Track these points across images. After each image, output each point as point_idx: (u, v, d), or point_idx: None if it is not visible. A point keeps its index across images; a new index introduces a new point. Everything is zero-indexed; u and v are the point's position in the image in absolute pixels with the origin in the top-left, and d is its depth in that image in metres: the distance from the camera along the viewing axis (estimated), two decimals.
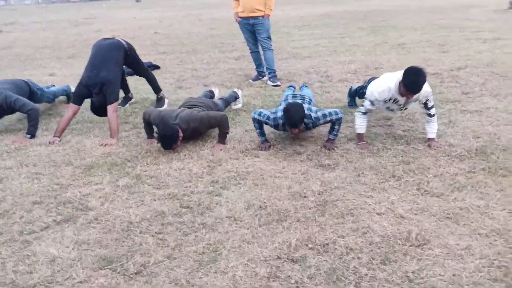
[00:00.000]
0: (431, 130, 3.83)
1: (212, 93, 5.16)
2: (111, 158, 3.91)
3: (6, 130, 4.80)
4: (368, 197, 3.07)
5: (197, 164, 3.71)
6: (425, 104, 3.76)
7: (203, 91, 5.28)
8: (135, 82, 6.51)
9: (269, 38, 5.97)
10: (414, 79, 3.52)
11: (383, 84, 3.79)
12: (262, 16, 5.81)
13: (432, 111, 3.78)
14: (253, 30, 5.96)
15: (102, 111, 4.53)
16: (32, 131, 4.48)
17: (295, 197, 3.12)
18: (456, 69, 6.32)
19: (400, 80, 3.59)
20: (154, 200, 3.17)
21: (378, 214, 2.86)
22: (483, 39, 8.53)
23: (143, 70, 5.34)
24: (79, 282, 2.37)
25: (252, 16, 5.83)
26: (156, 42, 10.54)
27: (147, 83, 5.46)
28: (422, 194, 3.08)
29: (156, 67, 7.50)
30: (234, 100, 5.08)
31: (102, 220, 2.94)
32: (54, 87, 5.68)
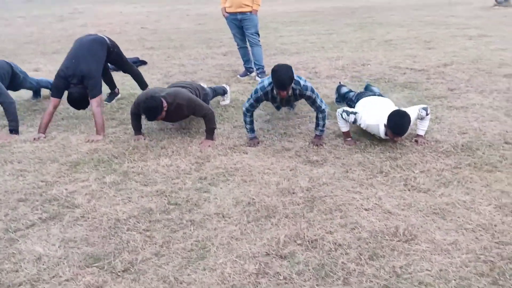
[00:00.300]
0: (422, 127, 3.86)
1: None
2: (97, 155, 3.87)
3: None
4: (356, 193, 3.09)
5: (185, 161, 3.69)
6: (419, 118, 3.80)
7: None
8: (122, 77, 6.44)
9: (257, 34, 5.94)
10: (398, 122, 3.54)
11: (375, 119, 3.73)
12: (249, 12, 5.78)
13: (428, 115, 3.81)
14: (240, 26, 5.92)
15: (81, 103, 4.40)
16: (14, 126, 4.36)
17: (284, 193, 3.12)
18: (442, 65, 6.37)
19: (385, 123, 3.59)
20: (142, 197, 3.15)
21: (366, 209, 2.88)
22: (468, 36, 8.61)
23: (127, 66, 5.28)
24: (65, 280, 2.34)
25: (240, 12, 5.80)
26: (143, 38, 10.43)
27: (132, 79, 5.42)
28: (409, 190, 3.10)
29: (143, 63, 7.43)
30: (222, 93, 5.05)
31: (89, 218, 2.91)
32: (37, 78, 5.56)
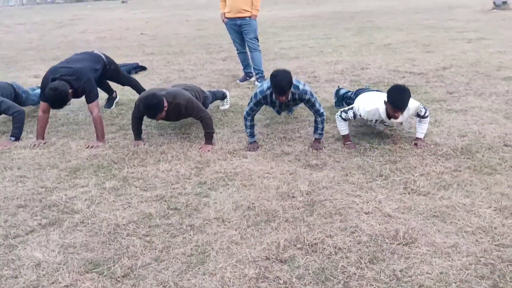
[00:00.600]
0: (421, 130, 3.85)
1: None
2: (97, 160, 3.87)
3: None
4: (356, 196, 3.09)
5: (184, 166, 3.69)
6: (418, 115, 3.80)
7: None
8: None
9: (256, 39, 5.96)
10: (398, 95, 3.54)
11: (372, 104, 3.76)
12: (249, 17, 5.81)
13: (426, 114, 3.81)
14: (240, 31, 5.94)
15: (59, 96, 4.07)
16: (16, 134, 4.40)
17: (283, 197, 3.12)
18: (441, 68, 6.39)
19: (386, 100, 3.60)
20: (141, 202, 3.15)
21: (366, 213, 2.87)
22: (467, 39, 8.63)
23: (125, 79, 5.25)
24: (65, 286, 2.34)
25: (239, 17, 5.82)
26: (143, 43, 10.47)
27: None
28: (409, 193, 3.10)
29: (143, 68, 7.45)
30: (222, 97, 5.06)
31: (88, 223, 2.91)
32: (39, 90, 5.59)
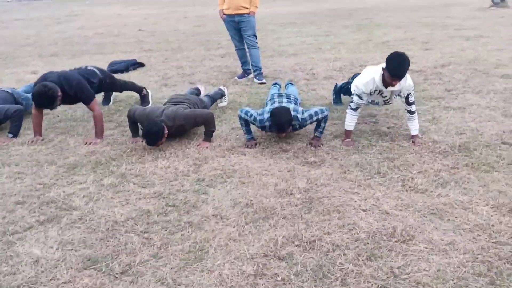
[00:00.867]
0: (414, 127, 3.86)
1: (198, 90, 5.13)
2: (95, 157, 3.86)
3: None
4: (353, 193, 3.09)
5: (183, 162, 3.69)
6: (406, 99, 3.77)
7: (189, 89, 5.25)
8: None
9: (254, 36, 5.95)
10: (398, 63, 3.50)
11: (367, 75, 3.79)
12: (247, 14, 5.79)
13: (413, 107, 3.79)
14: (238, 28, 5.93)
15: (47, 97, 4.01)
16: (15, 131, 4.40)
17: (282, 194, 3.12)
18: (440, 66, 6.39)
19: (384, 67, 3.59)
20: (140, 199, 3.15)
21: (363, 210, 2.88)
22: (465, 36, 8.63)
23: (121, 87, 5.15)
24: (63, 283, 2.34)
25: (237, 14, 5.80)
26: (141, 40, 10.44)
27: (130, 80, 5.42)
28: (406, 190, 3.11)
29: (141, 65, 7.43)
30: (220, 97, 5.06)
31: (87, 220, 2.91)
32: None
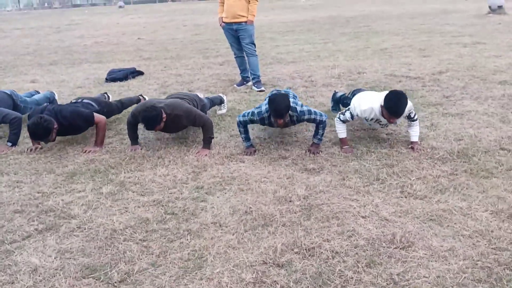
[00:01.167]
0: (414, 133, 3.87)
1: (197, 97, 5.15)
2: (94, 165, 3.86)
3: None
4: (353, 200, 3.09)
5: (181, 170, 3.69)
6: (408, 118, 3.81)
7: None
8: (119, 88, 6.47)
9: (252, 44, 5.97)
10: (395, 103, 3.53)
11: (367, 103, 3.78)
12: (245, 22, 5.82)
13: (415, 117, 3.83)
14: (237, 36, 5.96)
15: (42, 129, 3.95)
16: (13, 139, 4.39)
17: (281, 201, 3.12)
18: (438, 73, 6.42)
19: (382, 104, 3.61)
20: (138, 207, 3.14)
21: (363, 217, 2.87)
22: (463, 43, 8.68)
23: (119, 109, 5.04)
24: None
25: (235, 22, 5.84)
26: (140, 48, 10.48)
27: (129, 89, 5.45)
28: (405, 197, 3.10)
29: (140, 73, 7.46)
30: (219, 102, 5.07)
31: (85, 228, 2.90)
32: (37, 95, 5.58)
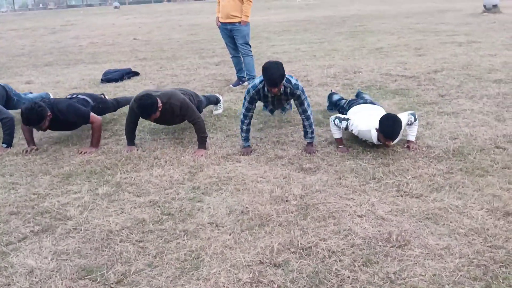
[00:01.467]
0: (412, 133, 3.88)
1: None
2: (90, 166, 3.85)
3: None
4: (349, 199, 3.10)
5: (178, 171, 3.68)
6: (408, 124, 3.83)
7: None
8: (114, 88, 6.46)
9: (247, 44, 5.94)
10: (390, 126, 3.55)
11: (366, 125, 3.76)
12: (238, 23, 5.81)
13: (416, 121, 3.84)
14: (232, 35, 5.96)
15: (36, 113, 3.98)
16: (8, 140, 4.37)
17: (277, 201, 3.12)
18: (433, 72, 6.44)
19: (377, 128, 3.61)
20: (135, 208, 3.13)
21: (359, 216, 2.88)
22: (458, 42, 8.71)
23: (114, 107, 5.05)
24: None
25: (229, 22, 5.83)
26: (136, 49, 10.46)
27: (125, 90, 5.45)
28: (401, 196, 3.11)
29: (135, 74, 7.44)
30: (215, 101, 5.06)
31: (81, 230, 2.89)
32: (32, 94, 5.57)
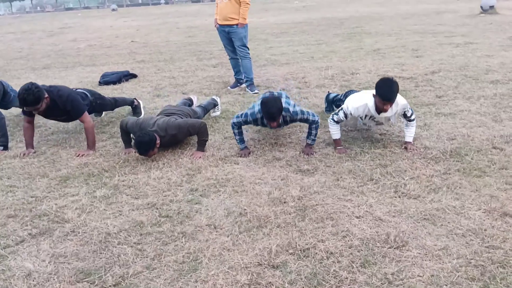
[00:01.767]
0: (409, 133, 3.89)
1: (191, 100, 5.14)
2: (87, 169, 3.85)
3: None
4: (347, 200, 3.10)
5: (176, 173, 3.68)
6: (405, 116, 3.83)
7: (182, 99, 5.25)
8: (112, 91, 6.45)
9: (244, 47, 5.94)
10: (387, 87, 3.56)
11: (361, 100, 3.80)
12: (236, 25, 5.81)
13: (412, 117, 3.85)
14: (230, 38, 5.96)
15: (32, 93, 3.95)
16: (3, 142, 4.35)
17: (275, 203, 3.12)
18: (430, 73, 6.45)
19: (374, 93, 3.63)
20: (133, 210, 3.13)
21: (357, 217, 2.88)
22: (455, 43, 8.74)
23: (112, 106, 5.04)
24: None
25: (227, 24, 5.84)
26: (134, 51, 10.47)
27: (123, 92, 5.46)
28: (399, 197, 3.12)
29: (133, 76, 7.44)
30: (213, 107, 5.07)
31: (79, 232, 2.89)
32: None
